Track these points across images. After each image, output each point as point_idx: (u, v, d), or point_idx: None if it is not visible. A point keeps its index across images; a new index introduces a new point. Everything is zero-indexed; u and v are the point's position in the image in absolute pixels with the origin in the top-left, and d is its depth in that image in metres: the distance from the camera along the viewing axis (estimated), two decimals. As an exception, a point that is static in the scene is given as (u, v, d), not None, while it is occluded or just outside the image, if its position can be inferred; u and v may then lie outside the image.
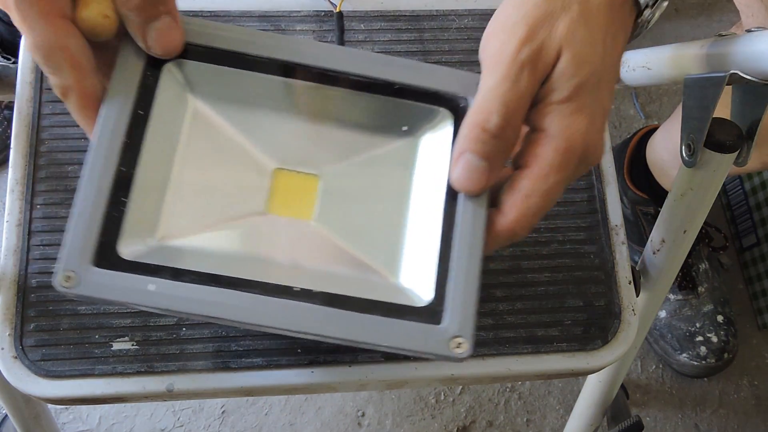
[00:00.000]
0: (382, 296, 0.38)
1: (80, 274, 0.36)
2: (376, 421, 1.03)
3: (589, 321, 0.51)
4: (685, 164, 0.49)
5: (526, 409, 1.06)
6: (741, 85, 0.47)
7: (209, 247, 0.39)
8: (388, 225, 0.41)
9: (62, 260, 0.36)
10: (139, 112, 0.38)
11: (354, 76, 0.41)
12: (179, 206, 0.39)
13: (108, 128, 0.37)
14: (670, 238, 0.54)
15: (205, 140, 0.40)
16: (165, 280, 0.36)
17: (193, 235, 0.39)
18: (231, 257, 0.39)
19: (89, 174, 0.37)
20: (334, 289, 0.38)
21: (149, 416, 1.01)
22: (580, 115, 0.37)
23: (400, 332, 0.37)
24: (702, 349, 1.03)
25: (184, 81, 0.40)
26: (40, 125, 0.51)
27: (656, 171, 1.01)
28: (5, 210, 0.50)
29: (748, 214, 1.14)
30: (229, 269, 0.38)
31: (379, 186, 0.41)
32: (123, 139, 0.38)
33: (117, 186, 0.37)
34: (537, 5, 0.37)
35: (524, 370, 0.50)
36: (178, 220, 0.39)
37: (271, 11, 0.56)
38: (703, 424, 1.06)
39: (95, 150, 0.37)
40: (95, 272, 0.36)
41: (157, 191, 0.39)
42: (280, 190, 0.41)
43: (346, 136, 0.42)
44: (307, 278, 0.38)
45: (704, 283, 1.06)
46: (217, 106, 0.41)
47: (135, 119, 0.38)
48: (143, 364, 0.47)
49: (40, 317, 0.48)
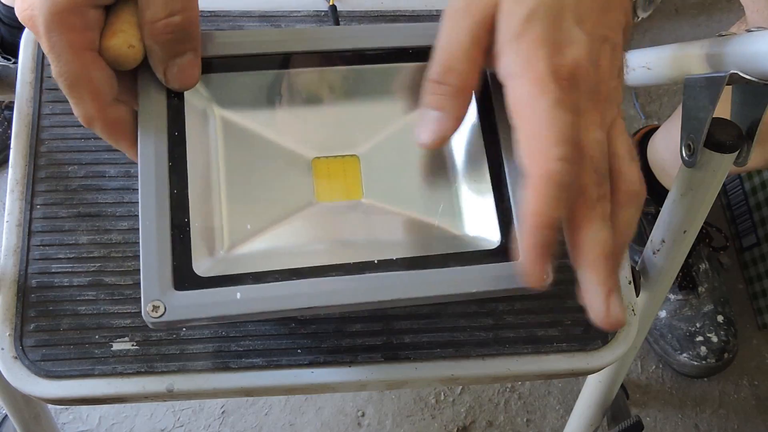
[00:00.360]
0: (456, 249, 0.39)
1: (166, 301, 0.36)
2: (376, 421, 1.03)
3: (589, 321, 0.51)
4: (685, 164, 0.49)
5: (526, 409, 1.06)
6: (741, 85, 0.47)
7: (276, 246, 0.39)
8: (437, 183, 0.42)
9: (145, 292, 0.36)
10: (175, 133, 0.39)
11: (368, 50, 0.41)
12: (235, 215, 0.40)
13: (150, 156, 0.38)
14: (670, 238, 0.54)
15: (240, 147, 0.41)
16: (249, 285, 0.37)
17: (256, 238, 0.39)
18: (300, 250, 0.39)
19: (146, 203, 0.37)
20: (410, 254, 0.39)
21: (149, 416, 1.01)
22: (536, 46, 0.36)
23: (486, 276, 0.38)
24: (702, 349, 1.03)
25: (208, 94, 0.41)
26: (40, 125, 0.51)
27: (657, 171, 1.01)
28: (5, 210, 0.50)
29: (748, 214, 1.14)
30: (304, 261, 0.38)
31: (418, 150, 0.41)
32: (167, 163, 0.38)
33: (175, 209, 0.38)
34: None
35: (524, 370, 0.50)
36: (238, 228, 0.40)
37: (271, 11, 0.56)
38: (703, 424, 1.06)
39: (145, 180, 0.38)
40: (180, 296, 0.36)
41: (211, 205, 0.39)
42: (323, 177, 0.42)
43: (374, 110, 0.42)
44: (381, 250, 0.39)
45: (704, 283, 1.06)
46: (243, 111, 0.41)
47: (172, 141, 0.39)
48: (143, 364, 0.47)
49: (40, 317, 0.48)
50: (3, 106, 1.12)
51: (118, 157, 0.51)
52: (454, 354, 0.49)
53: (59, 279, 0.48)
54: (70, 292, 0.48)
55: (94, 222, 0.50)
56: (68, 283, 0.48)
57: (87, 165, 0.51)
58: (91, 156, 0.51)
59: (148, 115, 0.39)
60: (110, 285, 0.49)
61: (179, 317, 0.36)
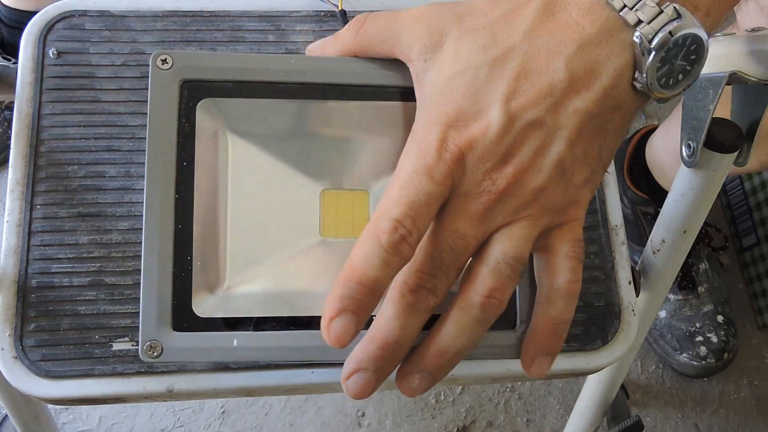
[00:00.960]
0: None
1: (163, 342, 0.37)
2: (376, 421, 1.03)
3: (588, 321, 0.51)
4: (685, 164, 0.49)
5: (526, 409, 1.06)
6: (741, 85, 0.47)
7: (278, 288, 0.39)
8: None
9: (143, 331, 0.37)
10: (183, 164, 0.39)
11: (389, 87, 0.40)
12: (238, 250, 0.39)
13: (158, 188, 0.38)
14: (670, 238, 0.54)
15: (249, 177, 0.41)
16: (247, 332, 0.37)
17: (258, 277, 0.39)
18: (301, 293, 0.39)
19: (149, 238, 0.37)
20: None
21: (149, 416, 1.01)
22: (444, 117, 0.34)
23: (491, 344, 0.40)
24: (702, 349, 1.03)
25: (219, 120, 0.40)
26: (40, 125, 0.51)
27: (656, 171, 1.01)
28: (5, 210, 0.49)
29: (748, 214, 1.14)
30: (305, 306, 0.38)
31: None
32: (174, 196, 0.38)
33: (178, 245, 0.38)
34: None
35: (524, 370, 0.50)
36: (241, 265, 0.39)
37: (271, 11, 0.56)
38: (703, 424, 1.06)
39: (150, 213, 0.38)
40: (177, 337, 0.37)
41: (215, 240, 0.39)
42: (331, 211, 0.41)
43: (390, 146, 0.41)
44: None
45: (704, 283, 1.06)
46: (255, 138, 0.41)
47: (181, 173, 0.39)
48: (143, 364, 0.47)
49: (40, 317, 0.48)
50: (3, 106, 1.12)
51: (118, 157, 0.51)
52: (454, 354, 0.49)
53: (59, 279, 0.48)
54: (70, 292, 0.48)
55: (94, 222, 0.50)
56: (68, 283, 0.48)
57: (87, 165, 0.51)
58: (91, 156, 0.51)
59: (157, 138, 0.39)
60: (110, 285, 0.49)
61: (175, 359, 0.37)
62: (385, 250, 0.32)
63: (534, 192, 0.34)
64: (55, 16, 0.54)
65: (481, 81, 0.34)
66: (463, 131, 0.33)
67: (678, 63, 0.35)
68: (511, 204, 0.34)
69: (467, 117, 0.34)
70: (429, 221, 0.33)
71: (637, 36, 0.33)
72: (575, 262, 0.37)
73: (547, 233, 0.36)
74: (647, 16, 0.33)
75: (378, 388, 0.34)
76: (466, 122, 0.33)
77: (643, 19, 0.33)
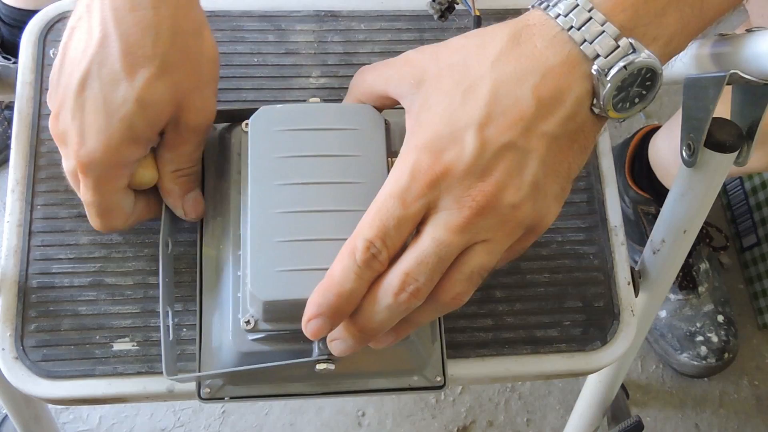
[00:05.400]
0: None
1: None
2: (376, 421, 1.03)
3: (588, 321, 0.51)
4: (685, 164, 0.49)
5: (526, 409, 1.06)
6: (741, 85, 0.47)
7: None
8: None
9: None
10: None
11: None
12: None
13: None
14: (670, 238, 0.54)
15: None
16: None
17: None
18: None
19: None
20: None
21: (149, 416, 1.01)
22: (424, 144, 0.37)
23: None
24: (702, 349, 1.03)
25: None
26: (40, 125, 0.51)
27: (659, 171, 1.01)
28: (6, 210, 0.50)
29: (748, 214, 1.14)
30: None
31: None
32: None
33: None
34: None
35: (524, 370, 0.50)
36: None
37: (271, 11, 0.56)
38: (703, 424, 1.06)
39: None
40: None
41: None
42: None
43: None
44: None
45: (704, 283, 1.06)
46: None
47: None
48: (144, 364, 0.47)
49: (40, 318, 0.48)
50: (3, 106, 1.12)
51: (118, 157, 0.51)
52: (454, 354, 0.49)
53: (60, 279, 0.48)
54: (70, 293, 0.48)
55: (94, 222, 0.49)
56: (69, 284, 0.49)
57: (87, 165, 0.51)
58: (92, 156, 0.51)
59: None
60: (111, 285, 0.49)
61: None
62: (359, 266, 0.37)
63: (511, 208, 0.37)
64: (55, 15, 0.54)
65: (455, 107, 0.37)
66: (439, 155, 0.36)
67: (634, 90, 0.38)
68: (491, 219, 0.37)
69: (444, 141, 0.37)
70: (401, 239, 0.37)
71: (595, 69, 0.36)
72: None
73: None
74: (604, 51, 0.36)
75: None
76: (443, 146, 0.37)
77: (600, 53, 0.36)
